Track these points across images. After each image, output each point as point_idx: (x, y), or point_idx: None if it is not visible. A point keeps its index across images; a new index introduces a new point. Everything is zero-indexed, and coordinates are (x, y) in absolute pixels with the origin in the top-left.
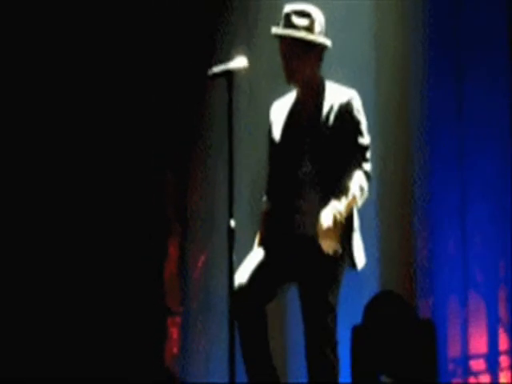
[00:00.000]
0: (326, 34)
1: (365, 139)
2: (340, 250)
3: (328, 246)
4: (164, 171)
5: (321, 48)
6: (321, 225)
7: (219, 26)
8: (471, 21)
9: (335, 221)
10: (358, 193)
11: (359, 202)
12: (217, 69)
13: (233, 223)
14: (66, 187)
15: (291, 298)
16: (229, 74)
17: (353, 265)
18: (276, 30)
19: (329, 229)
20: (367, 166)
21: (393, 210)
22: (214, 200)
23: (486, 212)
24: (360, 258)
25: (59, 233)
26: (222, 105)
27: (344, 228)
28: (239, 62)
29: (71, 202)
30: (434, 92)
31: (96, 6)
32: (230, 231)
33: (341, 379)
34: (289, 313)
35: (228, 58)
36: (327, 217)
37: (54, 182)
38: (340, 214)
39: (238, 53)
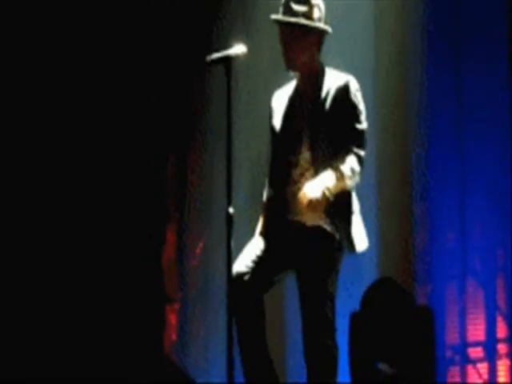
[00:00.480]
0: (326, 20)
1: (361, 124)
2: (325, 226)
3: (309, 218)
4: (163, 159)
5: (320, 34)
6: (305, 194)
7: (217, 15)
8: (471, 13)
9: (323, 195)
10: (348, 173)
11: (349, 183)
12: (215, 55)
13: (231, 210)
14: (65, 176)
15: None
16: (227, 60)
17: (352, 248)
18: (275, 16)
19: (316, 200)
20: (361, 152)
21: (392, 199)
22: (212, 187)
23: (485, 201)
24: (360, 241)
25: (58, 220)
26: (221, 94)
27: (330, 205)
28: (238, 49)
29: (70, 189)
30: (433, 83)
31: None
32: (229, 218)
33: (340, 368)
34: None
35: (226, 46)
36: (315, 189)
37: (53, 167)
38: (328, 190)
39: (237, 41)
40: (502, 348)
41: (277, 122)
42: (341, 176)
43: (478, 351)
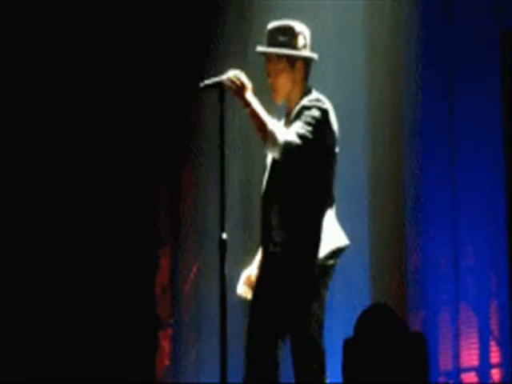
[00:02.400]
0: (313, 46)
1: (300, 129)
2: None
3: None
4: (156, 183)
5: (306, 62)
6: (235, 76)
7: (213, 38)
8: (464, 31)
9: (237, 83)
10: (275, 124)
11: (269, 136)
12: (209, 81)
13: (225, 236)
14: (58, 201)
15: None
16: (221, 85)
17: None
18: (260, 48)
19: (234, 84)
20: (296, 140)
21: (385, 224)
22: (206, 211)
23: (477, 225)
24: (326, 248)
25: (53, 245)
26: (214, 117)
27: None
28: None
29: (62, 211)
30: (427, 100)
31: (91, 16)
32: (222, 243)
33: None
34: None
35: (221, 71)
36: (241, 80)
37: (45, 189)
38: (241, 82)
39: (231, 66)
40: (495, 373)
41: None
42: (271, 127)
43: (471, 376)
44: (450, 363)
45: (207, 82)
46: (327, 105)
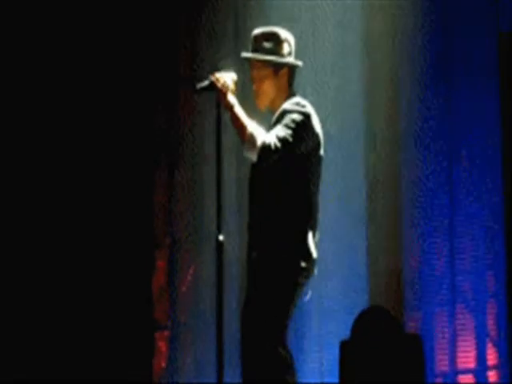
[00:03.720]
0: (297, 54)
1: (280, 132)
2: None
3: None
4: (152, 184)
5: (291, 69)
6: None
7: (207, 37)
8: (461, 37)
9: (221, 82)
10: (254, 128)
11: (248, 139)
12: (205, 83)
13: (221, 237)
14: (54, 201)
15: None
16: (215, 87)
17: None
18: (245, 54)
19: (219, 82)
20: (277, 143)
21: (381, 225)
22: (202, 213)
23: (474, 226)
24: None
25: (45, 245)
26: (210, 118)
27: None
28: (229, 76)
29: (58, 214)
30: (424, 97)
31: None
32: (219, 245)
33: None
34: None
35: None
36: (227, 80)
37: (40, 197)
38: (223, 84)
39: (226, 67)
40: (492, 375)
41: None
42: (251, 130)
43: (468, 378)
44: (447, 365)
45: (203, 84)
46: (308, 108)
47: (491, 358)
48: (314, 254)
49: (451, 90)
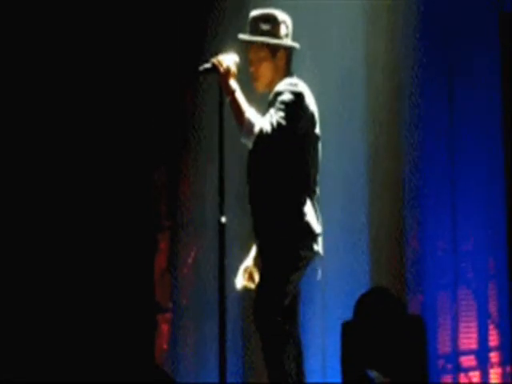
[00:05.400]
0: (295, 36)
1: (273, 117)
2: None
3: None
4: (155, 167)
5: (288, 51)
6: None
7: (210, 23)
8: (462, 17)
9: (224, 67)
10: (252, 114)
11: (242, 119)
12: (207, 65)
13: (224, 219)
14: (56, 183)
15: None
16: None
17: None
18: (242, 36)
19: (221, 65)
20: (268, 127)
21: (383, 209)
22: (204, 195)
23: (476, 209)
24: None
25: (47, 228)
26: (212, 102)
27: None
28: (230, 58)
29: (60, 197)
30: (425, 92)
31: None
32: (221, 227)
33: (331, 376)
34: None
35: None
36: (228, 61)
37: (43, 176)
38: (225, 68)
39: (229, 49)
40: (494, 356)
41: None
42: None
43: (470, 360)
44: (449, 346)
45: (206, 65)
46: (300, 87)
47: (493, 339)
48: (318, 229)
49: (453, 71)
